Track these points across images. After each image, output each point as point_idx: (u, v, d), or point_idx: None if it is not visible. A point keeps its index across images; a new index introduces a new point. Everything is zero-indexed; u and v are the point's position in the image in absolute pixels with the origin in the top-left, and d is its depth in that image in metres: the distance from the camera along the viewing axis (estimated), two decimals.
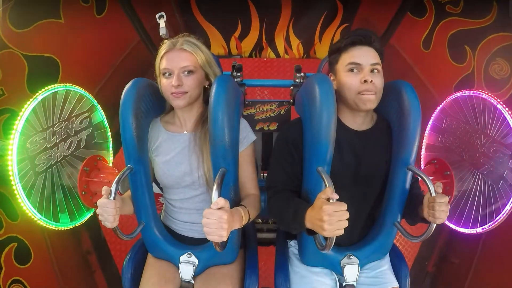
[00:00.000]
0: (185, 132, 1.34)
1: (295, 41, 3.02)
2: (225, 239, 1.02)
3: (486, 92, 1.53)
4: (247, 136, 1.31)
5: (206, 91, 1.34)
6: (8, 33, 1.68)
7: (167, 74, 1.25)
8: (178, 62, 1.24)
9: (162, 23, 1.59)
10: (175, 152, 1.32)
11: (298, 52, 3.06)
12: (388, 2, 2.60)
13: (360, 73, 1.20)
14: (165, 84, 1.25)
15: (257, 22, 2.93)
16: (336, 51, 1.28)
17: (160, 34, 1.65)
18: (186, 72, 1.24)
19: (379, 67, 1.22)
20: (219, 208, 1.00)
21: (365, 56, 1.21)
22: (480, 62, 1.94)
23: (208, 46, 1.37)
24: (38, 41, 1.83)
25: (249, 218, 1.20)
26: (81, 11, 2.14)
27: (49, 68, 1.91)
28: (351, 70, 1.22)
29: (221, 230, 0.99)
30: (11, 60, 1.70)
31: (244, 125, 1.33)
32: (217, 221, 0.99)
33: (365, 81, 1.18)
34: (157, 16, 1.59)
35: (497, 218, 1.46)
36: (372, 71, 1.21)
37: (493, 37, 1.88)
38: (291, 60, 3.03)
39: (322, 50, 3.00)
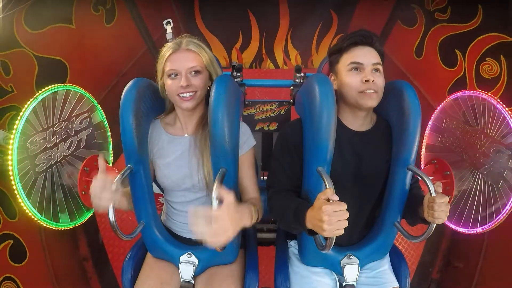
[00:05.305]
0: (186, 135, 1.33)
1: (293, 52, 3.11)
2: (230, 239, 1.00)
3: (486, 92, 1.53)
4: (248, 141, 1.31)
5: (208, 92, 1.34)
6: (23, 33, 1.70)
7: (173, 75, 1.23)
8: (185, 63, 1.22)
9: (169, 28, 1.63)
10: (176, 155, 1.32)
11: (296, 63, 3.12)
12: (380, 12, 2.66)
13: (362, 72, 1.21)
14: (172, 85, 1.23)
15: (257, 33, 3.02)
16: (337, 51, 1.28)
17: (167, 39, 1.69)
18: (193, 73, 1.23)
19: (380, 67, 1.23)
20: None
21: (366, 56, 1.21)
22: (470, 64, 1.99)
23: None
24: (50, 44, 1.86)
25: (258, 218, 1.22)
26: (92, 19, 2.20)
27: (58, 71, 1.94)
28: (353, 69, 1.22)
29: (225, 235, 0.98)
30: (23, 59, 1.72)
31: (245, 129, 1.33)
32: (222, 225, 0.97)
33: (366, 80, 1.18)
34: (164, 22, 1.62)
35: (497, 218, 1.46)
36: (373, 70, 1.21)
37: (481, 38, 1.92)
38: (289, 71, 3.05)
39: (319, 60, 3.04)
